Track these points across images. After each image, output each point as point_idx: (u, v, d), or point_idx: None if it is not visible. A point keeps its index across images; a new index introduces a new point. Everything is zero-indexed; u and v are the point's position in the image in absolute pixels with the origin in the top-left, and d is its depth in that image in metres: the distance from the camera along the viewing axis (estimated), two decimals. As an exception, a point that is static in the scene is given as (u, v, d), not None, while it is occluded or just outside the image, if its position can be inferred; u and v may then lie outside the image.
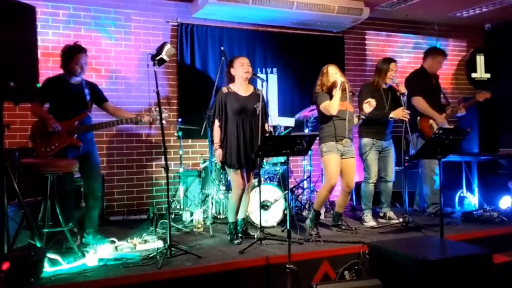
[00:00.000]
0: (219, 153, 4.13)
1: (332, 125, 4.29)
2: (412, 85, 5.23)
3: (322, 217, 5.13)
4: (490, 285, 3.15)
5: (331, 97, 4.25)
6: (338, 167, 4.29)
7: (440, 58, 5.32)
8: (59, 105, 4.06)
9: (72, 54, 4.06)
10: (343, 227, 4.51)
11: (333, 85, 4.27)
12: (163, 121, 3.89)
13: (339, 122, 4.29)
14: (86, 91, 4.17)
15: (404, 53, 7.13)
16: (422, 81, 5.25)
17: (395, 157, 4.94)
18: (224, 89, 4.20)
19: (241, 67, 4.14)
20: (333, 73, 4.34)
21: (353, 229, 4.47)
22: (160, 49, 3.93)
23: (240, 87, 4.20)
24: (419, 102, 5.16)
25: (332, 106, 4.19)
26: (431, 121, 5.16)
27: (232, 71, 4.20)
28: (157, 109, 3.99)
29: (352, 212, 5.43)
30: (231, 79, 4.23)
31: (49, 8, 5.25)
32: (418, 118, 5.17)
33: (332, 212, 4.86)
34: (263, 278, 3.54)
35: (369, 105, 4.36)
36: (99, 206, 4.28)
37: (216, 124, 4.18)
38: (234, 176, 4.15)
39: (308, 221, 4.38)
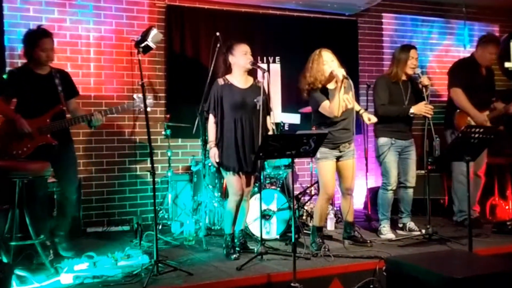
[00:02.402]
0: (214, 152, 4.12)
1: (333, 129, 4.24)
2: (453, 75, 5.26)
3: (332, 228, 5.14)
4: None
5: (323, 91, 4.20)
6: (333, 175, 4.33)
7: (491, 48, 5.25)
8: (27, 100, 4.07)
9: (36, 39, 4.04)
10: (356, 239, 4.50)
11: (330, 78, 4.21)
12: (148, 108, 3.88)
13: (340, 124, 4.26)
14: (57, 81, 4.17)
15: (427, 39, 7.13)
16: (467, 72, 5.23)
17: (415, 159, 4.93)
18: (220, 81, 4.20)
19: (244, 56, 4.13)
20: (329, 60, 4.23)
21: (368, 242, 4.47)
22: (145, 35, 3.93)
23: (239, 79, 4.20)
24: (457, 95, 5.15)
25: (335, 107, 4.11)
26: (469, 118, 5.14)
27: (231, 58, 4.19)
28: (140, 95, 3.99)
29: (367, 223, 5.44)
30: (228, 68, 4.23)
31: (17, -12, 5.27)
32: (456, 112, 5.17)
33: (342, 222, 4.85)
34: (264, 299, 3.55)
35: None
36: (73, 212, 4.32)
37: (211, 119, 4.17)
38: (231, 181, 4.15)
39: (311, 244, 4.35)
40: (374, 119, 4.44)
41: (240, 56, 4.14)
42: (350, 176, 4.39)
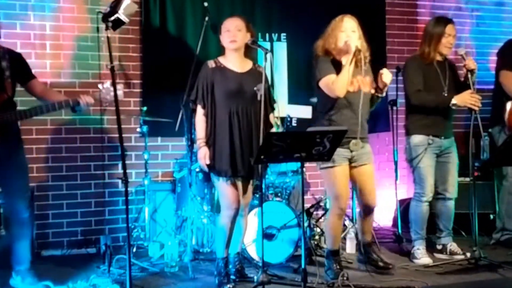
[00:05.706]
0: (203, 152, 4.13)
1: (338, 117, 4.22)
2: (504, 55, 5.33)
3: (352, 251, 5.13)
4: None
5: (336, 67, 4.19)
6: (346, 183, 4.30)
7: None
8: None
9: None
10: (374, 263, 4.48)
11: (343, 49, 4.20)
12: (119, 98, 3.86)
13: (348, 112, 4.22)
14: (4, 64, 4.12)
15: (473, 11, 7.12)
16: None
17: (458, 163, 4.93)
18: (211, 63, 4.23)
19: (226, 34, 4.19)
20: (348, 29, 4.24)
21: (390, 265, 4.46)
22: (115, 6, 3.93)
23: (234, 61, 4.24)
24: (508, 79, 5.17)
25: (339, 83, 4.10)
26: None
27: (221, 39, 4.26)
28: (107, 85, 4.00)
29: (398, 244, 5.43)
30: (223, 51, 4.30)
31: None
32: (508, 102, 5.16)
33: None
34: None
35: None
36: (28, 233, 4.28)
37: (199, 112, 4.19)
38: (224, 190, 4.16)
39: (326, 271, 4.33)
40: (387, 75, 4.27)
41: (223, 34, 4.21)
42: (369, 189, 4.37)
